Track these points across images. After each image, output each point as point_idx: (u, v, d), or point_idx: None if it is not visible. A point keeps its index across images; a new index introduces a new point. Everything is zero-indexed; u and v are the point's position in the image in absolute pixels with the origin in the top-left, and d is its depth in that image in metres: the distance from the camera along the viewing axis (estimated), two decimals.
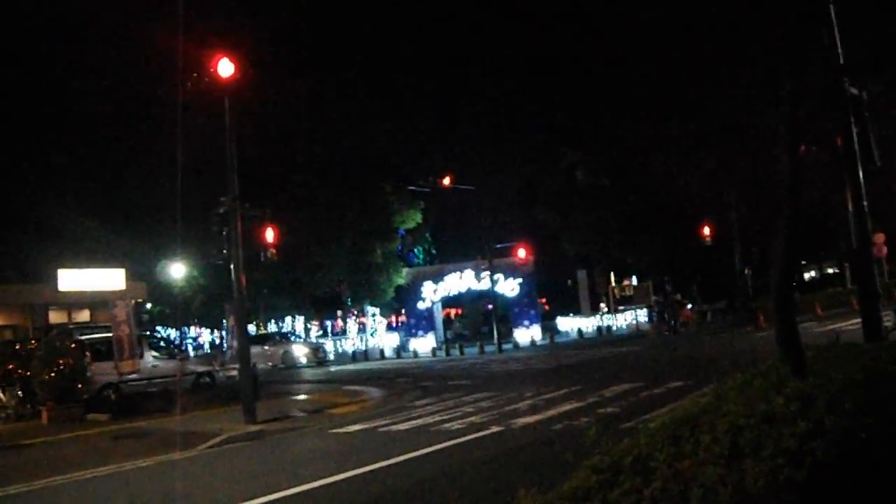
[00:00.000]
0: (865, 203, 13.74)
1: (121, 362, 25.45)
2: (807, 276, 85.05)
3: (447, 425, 16.76)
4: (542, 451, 12.55)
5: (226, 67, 20.67)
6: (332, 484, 11.84)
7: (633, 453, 5.27)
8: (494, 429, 15.65)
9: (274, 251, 23.07)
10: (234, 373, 25.79)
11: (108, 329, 26.73)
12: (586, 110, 48.33)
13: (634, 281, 63.20)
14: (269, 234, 23.34)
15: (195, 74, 21.25)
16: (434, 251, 73.21)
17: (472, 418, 17.40)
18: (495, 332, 44.10)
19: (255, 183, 45.85)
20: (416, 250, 77.26)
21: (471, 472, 11.81)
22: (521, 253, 47.24)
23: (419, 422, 17.91)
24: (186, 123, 30.82)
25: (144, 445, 17.92)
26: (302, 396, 27.46)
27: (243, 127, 42.39)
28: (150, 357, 28.01)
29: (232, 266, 21.21)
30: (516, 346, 46.44)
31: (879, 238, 55.85)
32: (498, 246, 48.96)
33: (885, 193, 58.06)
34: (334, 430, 18.37)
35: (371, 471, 12.55)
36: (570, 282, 64.39)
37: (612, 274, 60.55)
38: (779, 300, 8.22)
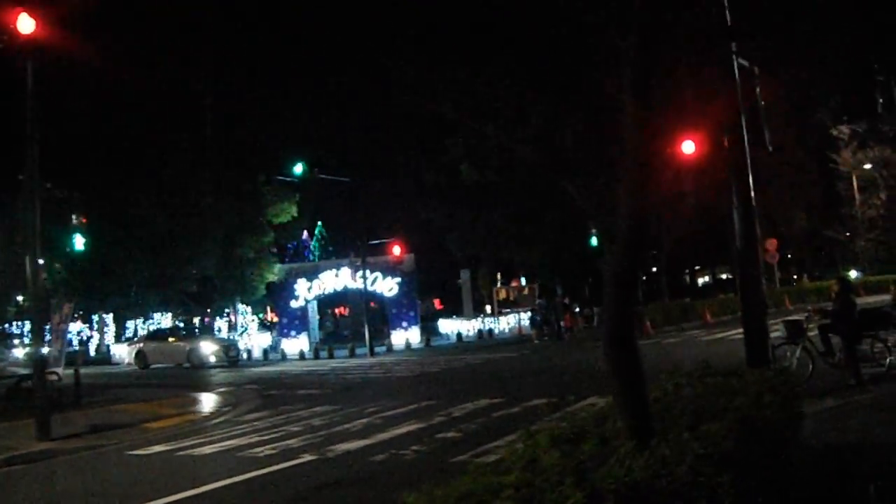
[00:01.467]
0: (753, 195, 11.21)
1: None
2: (700, 280, 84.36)
3: (257, 450, 14.01)
4: (333, 499, 9.90)
5: (26, 24, 17.45)
6: None
7: None
8: (306, 457, 12.97)
9: (80, 238, 19.86)
10: (55, 377, 22.80)
11: None
12: (471, 101, 45.84)
13: (524, 282, 60.71)
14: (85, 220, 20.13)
15: None
16: (332, 248, 70.43)
17: (292, 441, 14.69)
18: (367, 335, 41.14)
19: (118, 168, 42.68)
20: (312, 246, 74.31)
21: None
22: (396, 250, 44.24)
23: (231, 443, 15.15)
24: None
25: None
26: (131, 405, 24.17)
27: (97, 107, 39.50)
28: None
29: (28, 256, 18.05)
30: (390, 349, 43.38)
31: (772, 244, 54.92)
32: (374, 243, 46.25)
33: (778, 200, 57.40)
34: (132, 452, 15.52)
35: None
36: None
37: (498, 275, 58.19)
38: (613, 332, 5.49)
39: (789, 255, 78.32)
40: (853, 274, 75.51)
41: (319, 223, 74.44)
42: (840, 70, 39.68)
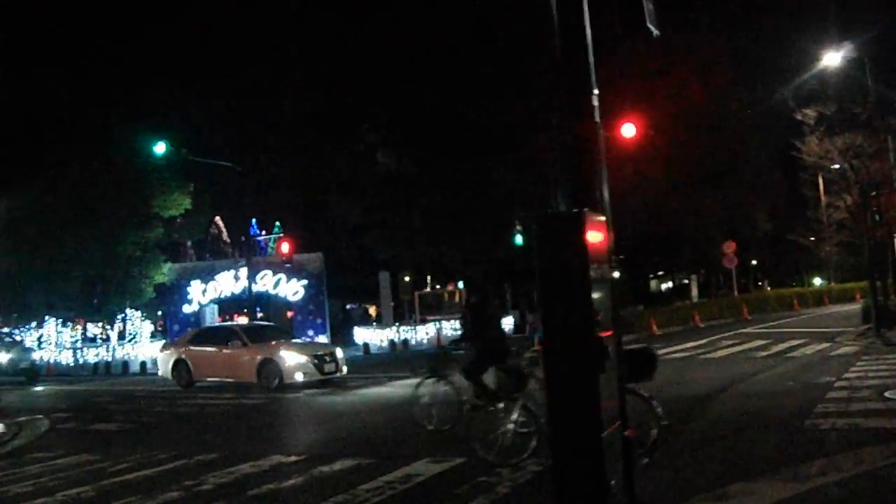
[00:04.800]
0: (595, 100, 5.54)
1: None
2: (663, 286, 79.25)
3: None
4: None
5: None
6: None
7: None
8: None
9: None
10: None
11: None
12: (389, 81, 41.13)
13: (461, 287, 54.68)
14: None
15: None
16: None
17: None
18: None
19: None
20: (270, 245, 68.99)
21: None
22: (285, 247, 37.81)
23: None
24: None
25: None
26: None
27: None
28: None
29: None
30: None
31: (730, 247, 49.81)
32: (261, 238, 40.67)
33: (738, 200, 52.09)
34: None
35: None
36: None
37: (428, 278, 52.46)
38: None
39: (754, 262, 73.45)
40: (817, 281, 70.79)
41: (278, 221, 69.04)
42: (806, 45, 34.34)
